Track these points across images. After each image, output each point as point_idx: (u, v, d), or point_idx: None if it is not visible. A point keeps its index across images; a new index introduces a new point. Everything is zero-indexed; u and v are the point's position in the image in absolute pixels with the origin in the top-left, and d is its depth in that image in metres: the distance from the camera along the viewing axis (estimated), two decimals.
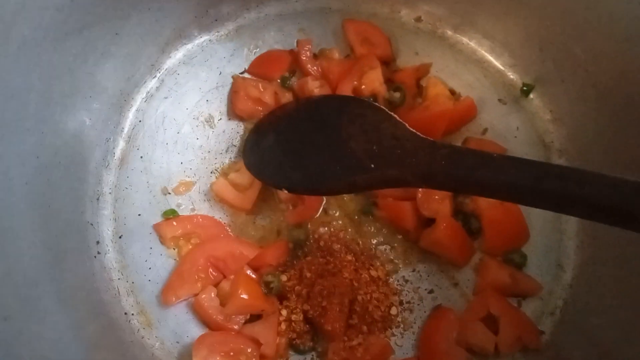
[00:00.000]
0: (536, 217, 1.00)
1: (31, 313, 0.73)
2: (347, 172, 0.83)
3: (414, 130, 0.83)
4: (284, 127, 0.98)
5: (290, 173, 0.90)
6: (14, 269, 0.73)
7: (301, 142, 0.92)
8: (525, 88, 1.08)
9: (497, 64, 1.11)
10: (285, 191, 0.91)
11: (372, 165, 0.81)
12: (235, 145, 1.05)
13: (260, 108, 1.06)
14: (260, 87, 1.06)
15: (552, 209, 0.68)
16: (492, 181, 0.70)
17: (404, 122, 0.84)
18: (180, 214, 0.99)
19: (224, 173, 1.03)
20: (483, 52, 1.12)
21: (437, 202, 0.96)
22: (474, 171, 0.71)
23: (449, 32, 1.14)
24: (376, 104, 0.91)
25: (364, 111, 0.89)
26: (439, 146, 0.78)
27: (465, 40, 1.14)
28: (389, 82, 1.08)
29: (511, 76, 1.10)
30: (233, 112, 1.07)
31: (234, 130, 1.07)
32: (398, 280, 0.96)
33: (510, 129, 1.07)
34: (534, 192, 0.67)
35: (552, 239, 0.99)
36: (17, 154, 0.75)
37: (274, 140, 0.97)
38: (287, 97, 1.07)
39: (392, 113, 0.87)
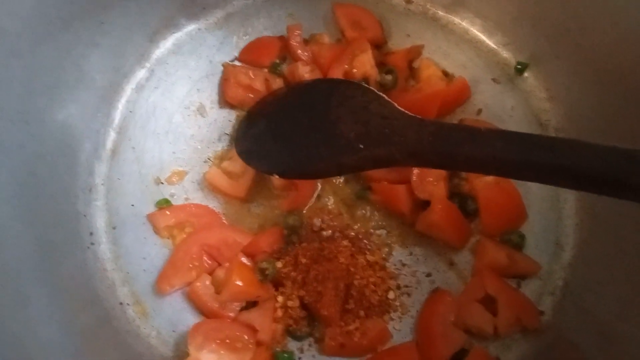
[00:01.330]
0: (534, 197, 0.99)
1: (22, 304, 0.72)
2: (336, 153, 0.83)
3: (402, 109, 0.82)
4: (274, 113, 0.98)
5: (281, 158, 0.90)
6: (5, 262, 0.72)
7: (291, 127, 0.91)
8: (519, 66, 1.06)
9: (490, 43, 1.10)
10: (277, 176, 0.91)
11: (361, 146, 0.80)
12: (227, 134, 1.05)
13: (251, 95, 1.05)
14: (251, 74, 1.05)
15: (542, 181, 0.68)
16: (480, 155, 0.69)
17: (392, 102, 0.83)
18: (173, 204, 0.98)
19: (217, 161, 1.02)
20: (475, 31, 1.11)
21: (432, 184, 0.95)
22: (461, 146, 0.71)
23: (441, 13, 1.12)
24: (365, 84, 0.90)
25: (353, 92, 0.88)
26: (427, 123, 0.77)
27: (457, 20, 1.12)
28: (381, 65, 1.07)
29: (505, 55, 1.09)
30: (224, 100, 1.06)
31: (226, 119, 1.06)
32: (395, 264, 0.95)
33: (505, 109, 1.05)
34: (522, 165, 0.66)
35: (550, 219, 0.98)
36: (3, 146, 0.74)
37: (265, 126, 0.97)
38: (277, 84, 1.06)
39: (380, 93, 0.86)
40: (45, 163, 0.85)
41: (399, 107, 0.82)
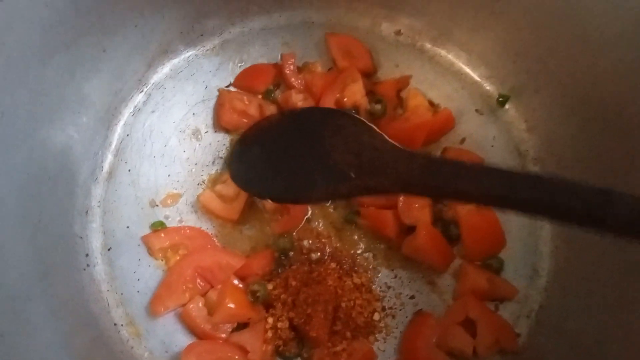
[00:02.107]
0: (513, 224, 1.04)
1: (22, 326, 0.74)
2: (330, 181, 0.87)
3: (392, 142, 0.87)
4: (268, 139, 1.01)
5: (274, 183, 0.93)
6: (4, 283, 0.74)
7: (284, 153, 0.95)
8: (501, 99, 1.12)
9: (474, 75, 1.15)
10: (270, 201, 0.94)
11: (353, 175, 0.84)
12: (221, 157, 1.08)
13: (245, 120, 1.09)
14: (245, 99, 1.09)
15: (524, 214, 0.73)
16: (467, 190, 0.74)
17: (383, 134, 0.88)
18: (167, 226, 1.01)
19: (211, 185, 1.05)
20: (460, 64, 1.16)
21: (417, 210, 1.00)
22: (450, 181, 0.76)
23: (428, 45, 1.18)
24: (356, 115, 0.95)
25: (344, 123, 0.92)
26: (416, 157, 0.82)
27: (443, 52, 1.17)
28: (371, 94, 1.11)
29: (487, 87, 1.14)
30: (219, 125, 1.09)
31: (220, 143, 1.09)
32: (380, 287, 0.99)
33: (487, 139, 1.11)
34: (505, 200, 0.71)
35: (528, 245, 1.03)
36: (6, 170, 0.77)
37: (258, 151, 1.00)
38: (271, 110, 1.09)
39: (371, 125, 0.90)
40: (47, 186, 0.87)
41: (390, 140, 0.87)
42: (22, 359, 0.69)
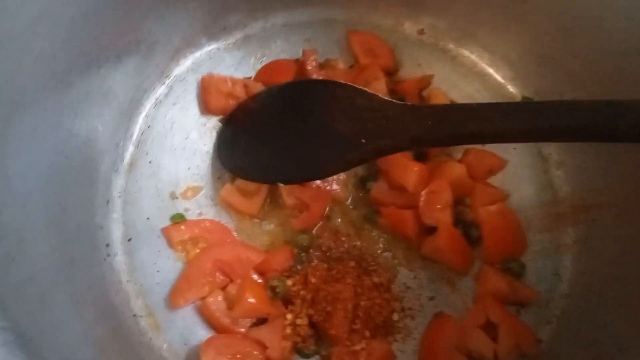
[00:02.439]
0: (534, 227, 1.03)
1: (46, 314, 0.74)
2: (341, 152, 0.86)
3: (390, 99, 0.86)
4: (257, 123, 1.00)
5: (282, 166, 0.93)
6: (29, 273, 0.74)
7: (284, 134, 0.94)
8: (524, 101, 1.11)
9: (497, 76, 1.15)
10: (281, 185, 0.93)
11: (363, 141, 0.84)
12: None
13: (232, 102, 1.08)
14: (229, 81, 1.08)
15: (539, 141, 0.76)
16: (479, 131, 0.75)
17: (377, 93, 0.87)
18: (187, 219, 1.01)
19: (231, 179, 1.05)
20: (483, 65, 1.16)
21: (438, 211, 0.99)
22: (461, 125, 0.76)
23: (451, 45, 1.17)
24: (343, 82, 0.94)
25: (333, 91, 0.92)
26: (421, 108, 0.83)
27: (466, 53, 1.17)
28: (392, 92, 1.10)
29: (511, 89, 1.14)
30: (207, 110, 1.08)
31: None
32: (399, 287, 0.99)
33: None
34: (519, 133, 0.73)
35: (549, 249, 1.02)
36: (33, 161, 0.77)
37: (251, 138, 0.99)
38: (257, 87, 1.08)
39: (362, 88, 0.89)
40: (71, 177, 0.87)
41: (386, 98, 0.87)
42: (51, 347, 0.69)
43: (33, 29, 0.74)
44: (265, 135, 0.97)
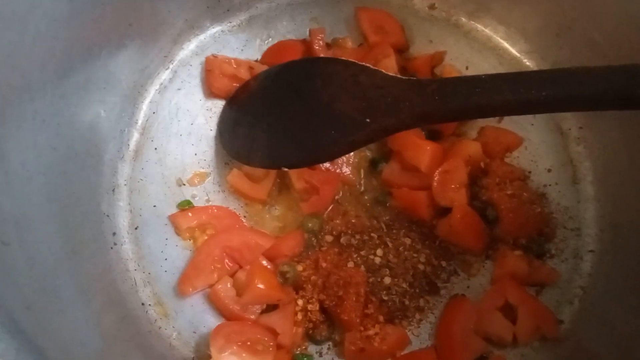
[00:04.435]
0: (554, 206, 0.99)
1: (52, 303, 0.73)
2: (346, 133, 0.83)
3: (393, 75, 0.83)
4: (261, 105, 0.97)
5: (285, 151, 0.90)
6: (33, 259, 0.73)
7: (286, 116, 0.91)
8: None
9: (513, 50, 1.10)
10: (286, 169, 0.91)
11: (368, 120, 0.81)
12: None
13: (236, 84, 1.05)
14: (234, 63, 1.05)
15: (552, 111, 0.75)
16: (488, 103, 0.72)
17: (380, 69, 0.84)
18: (195, 205, 0.99)
19: (239, 164, 1.02)
20: (498, 39, 1.11)
21: (453, 191, 0.95)
22: (470, 98, 0.73)
23: (464, 19, 1.13)
24: (343, 59, 0.90)
25: (334, 69, 0.89)
26: (427, 83, 0.80)
27: (480, 27, 1.12)
28: (403, 70, 1.07)
29: (527, 63, 1.09)
30: (210, 92, 1.06)
31: None
32: (414, 270, 0.95)
33: (527, 117, 1.05)
34: (532, 103, 0.70)
35: (570, 228, 0.98)
36: (34, 145, 0.75)
37: (253, 123, 0.96)
38: (262, 69, 1.05)
39: (363, 63, 0.86)
40: (74, 163, 0.86)
41: (390, 74, 0.83)
42: (53, 336, 0.68)
43: (31, 8, 0.72)
44: (267, 118, 0.94)
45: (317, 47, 1.08)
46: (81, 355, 0.73)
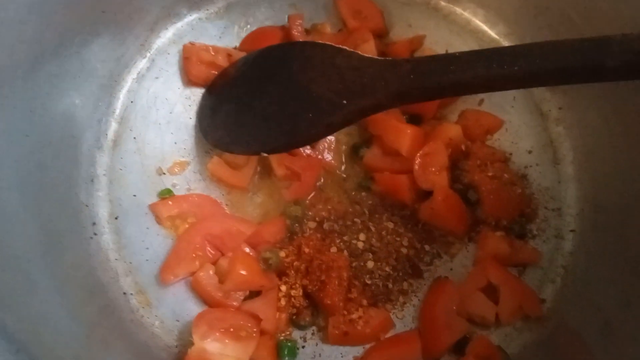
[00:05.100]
0: (535, 187, 1.00)
1: (29, 294, 0.72)
2: (322, 115, 0.84)
3: (370, 56, 0.84)
4: (239, 91, 0.96)
5: (264, 135, 0.90)
6: (9, 251, 0.72)
7: (264, 101, 0.91)
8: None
9: (492, 33, 1.10)
10: (265, 154, 0.91)
11: (344, 102, 0.81)
12: None
13: (214, 72, 1.04)
14: (212, 50, 1.04)
15: (528, 86, 0.75)
16: (464, 79, 0.73)
17: (356, 51, 0.84)
18: (175, 194, 0.98)
19: (219, 152, 1.01)
20: (477, 21, 1.11)
21: (434, 174, 0.95)
22: (445, 75, 0.74)
23: (443, 3, 1.13)
24: (321, 42, 0.90)
25: (311, 52, 0.89)
26: (402, 62, 0.80)
27: (459, 10, 1.12)
28: (383, 55, 1.06)
29: (507, 45, 1.09)
30: (188, 80, 1.05)
31: None
32: (397, 254, 0.95)
33: (507, 99, 1.06)
34: (505, 78, 0.70)
35: (551, 208, 0.98)
36: (4, 131, 0.74)
37: (232, 109, 0.96)
38: (240, 56, 1.04)
39: (340, 46, 0.86)
40: (50, 153, 0.84)
41: (366, 55, 0.83)
42: (31, 327, 0.67)
43: None
44: (245, 103, 0.94)
45: (296, 33, 1.07)
46: (62, 346, 0.72)
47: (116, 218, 0.95)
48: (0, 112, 0.73)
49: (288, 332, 0.90)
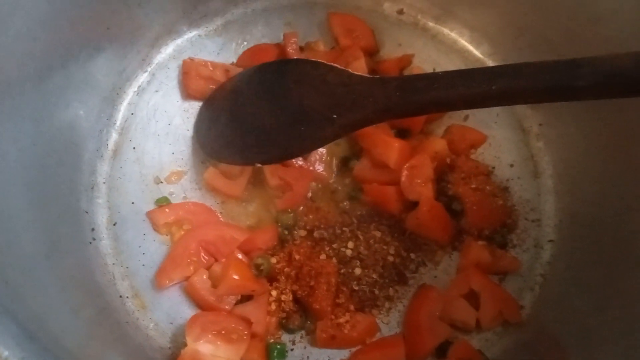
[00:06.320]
0: (516, 199, 1.04)
1: (31, 296, 0.75)
2: (314, 128, 0.88)
3: (359, 74, 0.89)
4: (236, 105, 1.01)
5: (258, 147, 0.94)
6: (13, 253, 0.76)
7: (259, 115, 0.96)
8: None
9: (477, 52, 1.15)
10: (259, 165, 0.95)
11: (335, 116, 0.86)
12: None
13: (212, 86, 1.09)
14: (210, 65, 1.09)
15: (503, 104, 0.78)
16: (446, 96, 0.78)
17: (347, 69, 0.89)
18: (172, 202, 1.02)
19: (215, 162, 1.06)
20: (463, 42, 1.16)
21: (420, 186, 1.00)
22: (427, 93, 0.79)
23: (431, 24, 1.18)
24: (314, 60, 0.95)
25: (304, 69, 0.93)
26: (389, 80, 0.85)
27: (446, 30, 1.17)
28: (373, 72, 1.11)
29: (491, 64, 1.14)
30: (187, 94, 1.09)
31: None
32: (384, 262, 0.99)
33: (491, 116, 1.11)
34: (486, 96, 0.76)
35: (531, 219, 1.03)
36: (14, 139, 0.78)
37: (227, 121, 1.00)
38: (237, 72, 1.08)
39: (332, 64, 0.91)
40: (54, 160, 0.88)
41: (355, 73, 0.88)
42: (39, 319, 0.70)
43: (13, 9, 0.76)
44: (241, 117, 0.99)
45: (290, 50, 1.12)
46: (74, 336, 0.76)
47: (114, 224, 0.99)
48: (11, 122, 0.77)
49: (278, 336, 0.93)
